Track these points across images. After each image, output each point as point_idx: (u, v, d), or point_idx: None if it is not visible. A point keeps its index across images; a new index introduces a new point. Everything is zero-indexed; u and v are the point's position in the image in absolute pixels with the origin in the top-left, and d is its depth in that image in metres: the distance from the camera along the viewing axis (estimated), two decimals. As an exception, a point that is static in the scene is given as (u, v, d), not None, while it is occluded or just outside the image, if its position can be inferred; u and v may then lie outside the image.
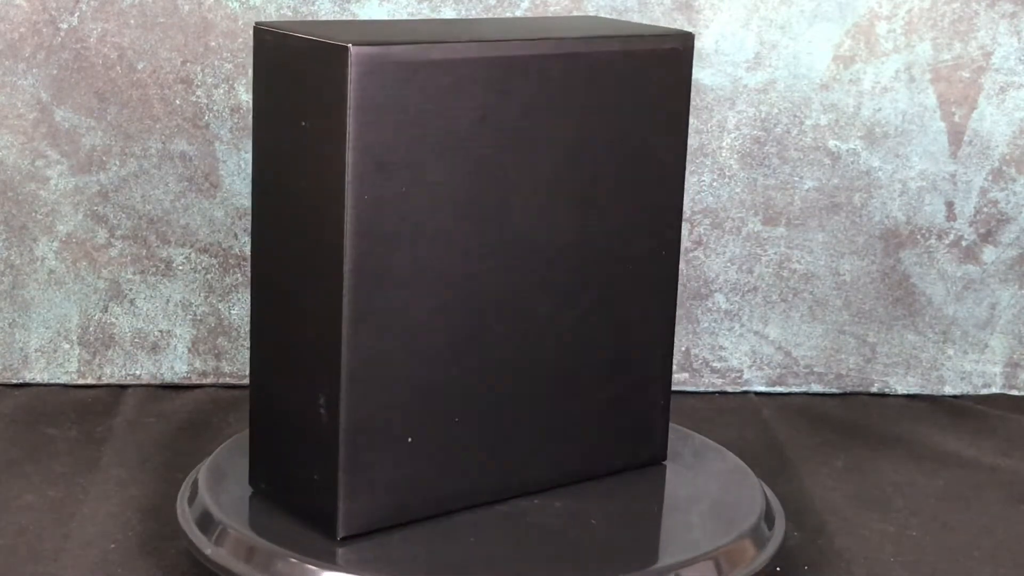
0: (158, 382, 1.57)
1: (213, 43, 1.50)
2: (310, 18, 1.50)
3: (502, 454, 1.17)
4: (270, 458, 1.15)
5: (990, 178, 1.58)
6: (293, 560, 1.08)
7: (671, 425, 1.38)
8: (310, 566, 1.07)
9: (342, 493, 1.10)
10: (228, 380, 1.57)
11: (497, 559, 1.11)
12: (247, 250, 1.54)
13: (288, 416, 1.13)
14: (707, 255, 1.57)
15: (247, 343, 1.56)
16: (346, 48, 1.04)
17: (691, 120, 1.54)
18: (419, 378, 1.11)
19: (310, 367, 1.10)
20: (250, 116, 1.51)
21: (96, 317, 1.55)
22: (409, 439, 1.11)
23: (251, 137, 1.09)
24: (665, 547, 1.13)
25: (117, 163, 1.52)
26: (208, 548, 1.12)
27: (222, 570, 1.10)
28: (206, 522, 1.14)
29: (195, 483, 1.20)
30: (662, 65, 1.19)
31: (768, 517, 1.19)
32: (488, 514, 1.16)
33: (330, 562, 1.08)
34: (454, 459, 1.15)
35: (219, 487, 1.19)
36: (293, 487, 1.13)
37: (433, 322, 1.11)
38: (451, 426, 1.14)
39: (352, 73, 1.04)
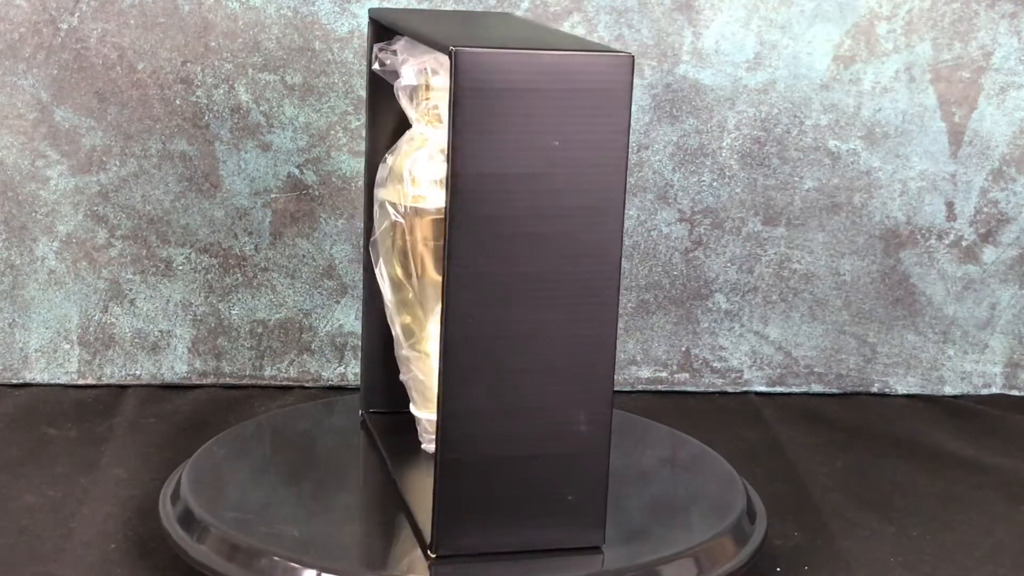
0: (158, 382, 1.57)
1: (213, 43, 1.50)
2: (310, 18, 1.50)
3: None
4: (485, 506, 1.09)
5: (990, 178, 1.58)
6: (276, 559, 1.08)
7: (661, 425, 1.39)
8: (293, 564, 1.08)
9: (607, 504, 1.09)
10: (228, 380, 1.57)
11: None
12: (247, 250, 1.54)
13: (529, 446, 1.08)
14: (707, 255, 1.57)
15: (247, 343, 1.56)
16: (631, 58, 1.03)
17: (691, 120, 1.55)
18: None
19: (567, 389, 1.07)
20: (250, 116, 1.51)
21: (96, 317, 1.55)
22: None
23: (449, 168, 1.03)
24: (646, 544, 1.13)
25: (117, 163, 1.52)
26: (190, 547, 1.12)
27: (205, 568, 1.10)
28: (189, 521, 1.14)
29: (178, 482, 1.20)
30: None
31: (750, 515, 1.19)
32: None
33: (316, 560, 1.08)
34: None
35: (202, 486, 1.19)
36: (531, 522, 1.09)
37: None
38: None
39: (632, 83, 1.04)
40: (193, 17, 1.50)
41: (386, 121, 1.28)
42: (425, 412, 1.24)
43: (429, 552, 1.08)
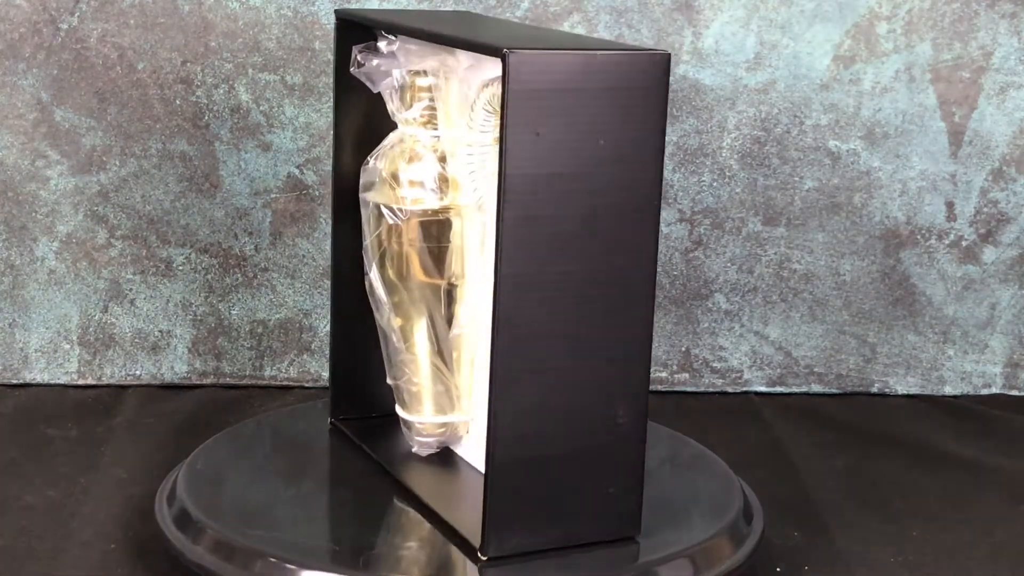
0: (158, 382, 1.57)
1: (213, 43, 1.50)
2: (310, 18, 1.50)
3: None
4: (532, 505, 1.10)
5: (990, 178, 1.58)
6: (271, 559, 1.08)
7: (660, 426, 1.39)
8: (289, 565, 1.07)
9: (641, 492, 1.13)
10: (228, 380, 1.57)
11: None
12: (247, 250, 1.54)
13: (572, 443, 1.10)
14: (707, 255, 1.57)
15: (247, 343, 1.56)
16: (668, 56, 1.05)
17: (691, 120, 1.55)
18: None
19: (606, 384, 1.09)
20: (250, 116, 1.51)
21: (96, 317, 1.55)
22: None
23: (500, 170, 1.04)
24: (643, 544, 1.13)
25: (117, 163, 1.52)
26: (186, 548, 1.12)
27: (201, 570, 1.10)
28: (184, 522, 1.14)
29: (174, 483, 1.20)
30: None
31: (747, 516, 1.19)
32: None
33: (308, 561, 1.08)
34: None
35: (198, 487, 1.19)
36: (573, 517, 1.11)
37: None
38: None
39: (668, 80, 1.06)
40: (193, 17, 1.50)
41: (354, 123, 1.27)
42: (415, 415, 1.24)
43: (480, 555, 1.08)
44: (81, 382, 1.56)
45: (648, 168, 1.07)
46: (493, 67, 1.10)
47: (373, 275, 1.21)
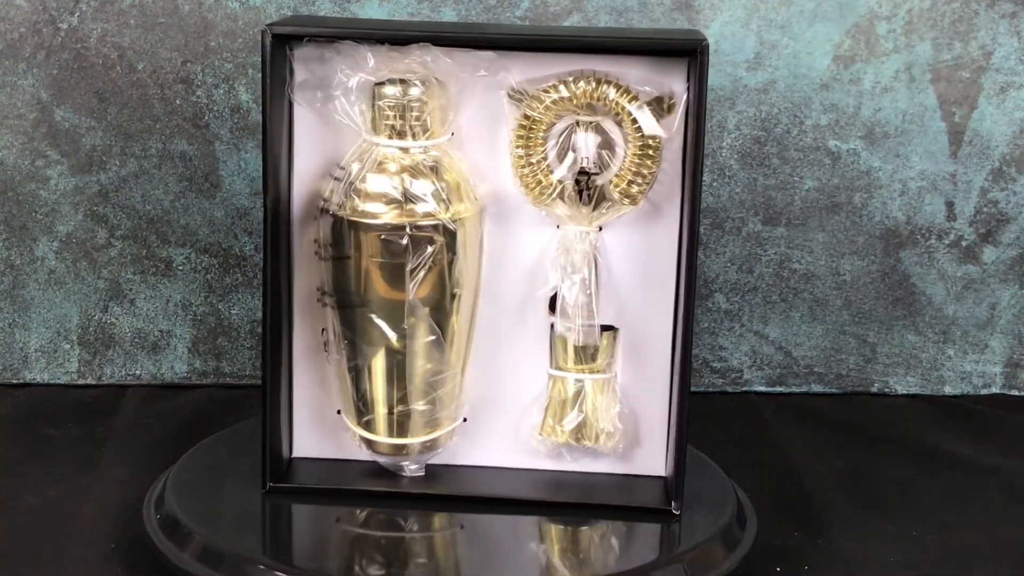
0: (158, 382, 1.57)
1: (213, 43, 1.50)
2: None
3: None
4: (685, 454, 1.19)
5: (990, 178, 1.58)
6: (261, 566, 1.08)
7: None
8: (278, 573, 1.07)
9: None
10: (228, 380, 1.57)
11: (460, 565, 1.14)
12: (247, 250, 1.54)
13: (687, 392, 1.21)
14: (707, 255, 1.57)
15: (247, 343, 1.56)
16: (707, 41, 1.12)
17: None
18: None
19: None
20: (250, 116, 1.52)
21: (96, 317, 1.55)
22: None
23: (690, 169, 1.12)
24: (636, 549, 1.13)
25: (117, 163, 1.52)
26: (173, 554, 1.11)
27: None
28: (172, 527, 1.14)
29: (163, 487, 1.20)
30: None
31: (740, 519, 1.19)
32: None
33: (299, 566, 1.08)
34: None
35: (186, 491, 1.19)
36: (684, 457, 1.21)
37: None
38: None
39: None
40: (193, 17, 1.50)
41: (283, 139, 1.20)
42: (420, 436, 1.21)
43: (673, 511, 1.17)
44: (81, 382, 1.56)
45: (701, 145, 1.15)
46: (530, 66, 1.13)
47: (411, 297, 1.16)
